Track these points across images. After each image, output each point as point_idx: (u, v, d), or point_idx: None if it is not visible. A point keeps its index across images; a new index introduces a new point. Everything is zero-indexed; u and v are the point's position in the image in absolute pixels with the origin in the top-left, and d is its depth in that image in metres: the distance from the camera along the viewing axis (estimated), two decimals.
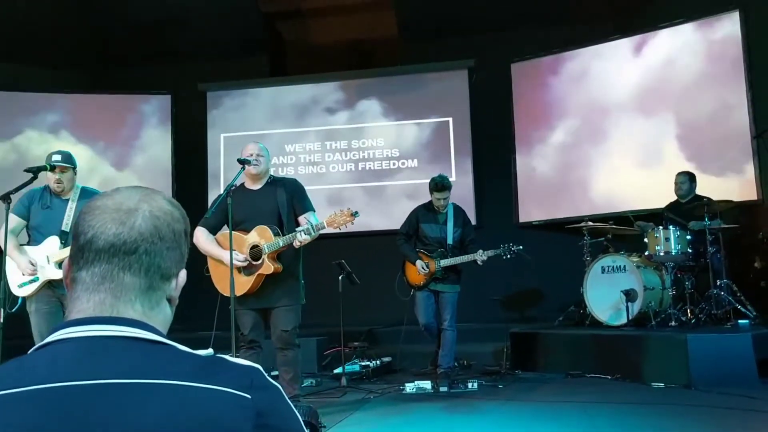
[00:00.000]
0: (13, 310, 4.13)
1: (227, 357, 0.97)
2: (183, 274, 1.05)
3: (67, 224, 4.28)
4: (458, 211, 5.81)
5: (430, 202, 5.76)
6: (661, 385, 5.14)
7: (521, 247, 5.66)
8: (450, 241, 5.66)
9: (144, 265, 0.98)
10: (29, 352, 0.95)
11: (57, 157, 4.27)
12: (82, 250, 0.98)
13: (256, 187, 4.36)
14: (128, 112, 9.02)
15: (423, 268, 5.59)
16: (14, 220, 4.25)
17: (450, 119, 8.88)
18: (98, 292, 0.97)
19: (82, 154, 8.06)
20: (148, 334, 0.94)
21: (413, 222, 5.81)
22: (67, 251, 4.19)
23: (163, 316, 1.02)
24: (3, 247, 4.15)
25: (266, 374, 0.97)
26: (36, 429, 0.85)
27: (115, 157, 8.76)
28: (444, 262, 5.58)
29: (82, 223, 0.99)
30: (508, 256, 5.62)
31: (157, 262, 0.99)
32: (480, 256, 5.47)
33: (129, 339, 0.93)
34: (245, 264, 4.15)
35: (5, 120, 8.51)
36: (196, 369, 0.91)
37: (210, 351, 0.96)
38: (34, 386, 0.87)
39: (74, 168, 4.36)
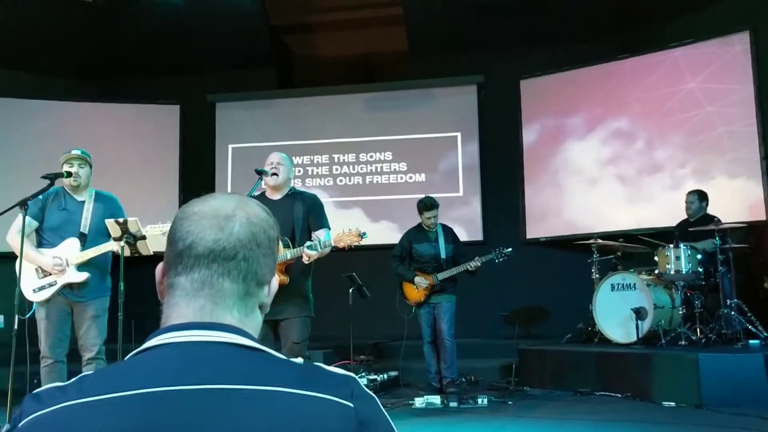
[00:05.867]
0: (27, 316, 4.00)
1: (323, 365, 0.96)
2: (275, 281, 1.05)
3: (85, 226, 4.21)
4: (447, 229, 6.20)
5: (419, 224, 6.16)
6: (672, 404, 5.11)
7: (510, 249, 6.05)
8: (443, 255, 6.02)
9: (242, 272, 0.98)
10: (128, 357, 0.93)
11: (76, 152, 4.30)
12: (181, 256, 0.98)
13: (276, 197, 4.36)
14: (137, 121, 9.03)
15: (422, 282, 5.90)
16: (26, 221, 4.05)
17: (458, 134, 8.90)
18: (198, 297, 0.96)
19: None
20: (247, 341, 0.94)
21: (405, 245, 6.18)
22: (87, 253, 4.15)
23: (255, 323, 1.01)
24: (18, 252, 3.99)
25: (362, 384, 0.96)
26: None
27: (122, 166, 8.72)
28: (441, 275, 5.91)
29: (180, 229, 0.99)
30: (500, 259, 5.99)
31: (254, 269, 0.99)
32: (475, 262, 5.85)
33: (230, 345, 0.93)
34: None
35: (13, 127, 8.51)
36: (298, 376, 0.91)
37: (301, 359, 0.95)
38: (137, 390, 0.86)
39: (90, 166, 4.36)
